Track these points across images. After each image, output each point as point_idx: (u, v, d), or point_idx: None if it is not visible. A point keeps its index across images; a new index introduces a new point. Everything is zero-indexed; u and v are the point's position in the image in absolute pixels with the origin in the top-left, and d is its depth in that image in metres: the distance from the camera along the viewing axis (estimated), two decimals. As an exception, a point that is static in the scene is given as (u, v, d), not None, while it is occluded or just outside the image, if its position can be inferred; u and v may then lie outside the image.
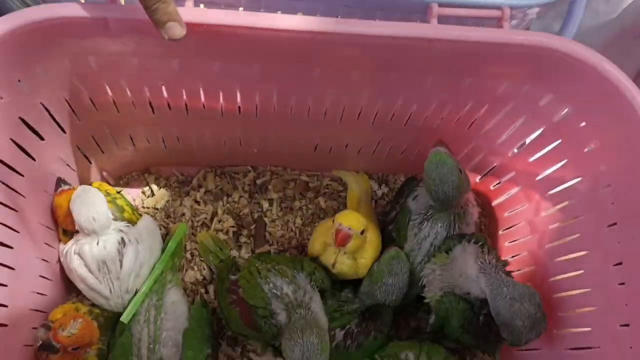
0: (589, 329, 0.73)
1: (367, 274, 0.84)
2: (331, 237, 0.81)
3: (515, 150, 0.86)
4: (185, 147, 0.91)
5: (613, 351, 0.68)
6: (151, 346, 0.80)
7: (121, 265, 0.82)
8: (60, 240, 0.86)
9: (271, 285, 0.80)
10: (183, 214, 0.97)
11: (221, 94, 0.75)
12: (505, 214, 0.94)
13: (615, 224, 0.68)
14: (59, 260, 0.86)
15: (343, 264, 0.84)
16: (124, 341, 0.80)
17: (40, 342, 0.75)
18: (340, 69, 0.69)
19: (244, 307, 0.80)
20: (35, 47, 0.62)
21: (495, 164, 0.90)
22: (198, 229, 0.96)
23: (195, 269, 0.94)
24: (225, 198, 0.98)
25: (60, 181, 0.84)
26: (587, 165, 0.72)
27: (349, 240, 0.80)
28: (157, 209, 0.97)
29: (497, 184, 0.94)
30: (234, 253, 0.95)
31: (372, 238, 0.86)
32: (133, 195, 0.97)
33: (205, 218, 0.97)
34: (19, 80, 0.65)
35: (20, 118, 0.69)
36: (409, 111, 0.80)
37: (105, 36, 0.62)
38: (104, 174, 0.94)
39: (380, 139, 0.89)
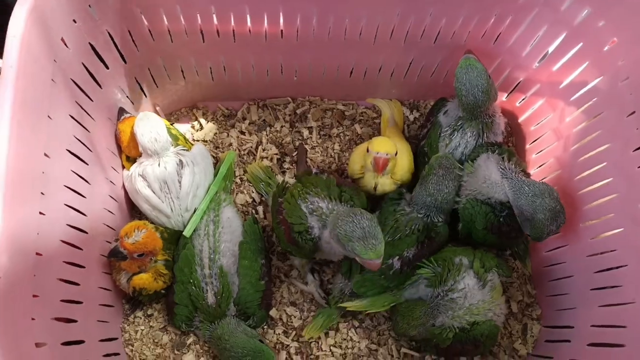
0: (612, 214, 0.79)
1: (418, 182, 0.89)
2: (370, 164, 0.88)
3: (538, 64, 0.92)
4: (230, 79, 0.98)
5: (634, 230, 0.74)
6: (212, 256, 0.89)
7: (180, 186, 0.91)
8: (123, 167, 0.95)
9: (308, 202, 0.86)
10: (230, 144, 1.04)
11: (265, 16, 0.82)
12: (532, 128, 0.99)
13: (634, 112, 0.74)
14: (123, 186, 0.95)
15: (384, 185, 0.92)
16: (187, 253, 0.89)
17: (110, 251, 0.83)
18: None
19: (286, 225, 0.86)
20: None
21: (520, 79, 0.96)
22: (244, 157, 1.04)
23: (245, 192, 1.02)
24: (268, 128, 1.06)
25: (122, 110, 0.92)
26: (607, 63, 0.78)
27: (387, 164, 0.87)
28: (206, 141, 1.05)
29: (522, 99, 0.99)
30: (279, 178, 1.02)
31: (404, 150, 0.93)
32: (183, 130, 1.05)
33: (251, 147, 1.05)
34: (89, 6, 0.73)
35: (89, 43, 0.77)
36: (438, 27, 0.86)
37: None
38: (157, 108, 1.02)
39: (412, 60, 0.95)
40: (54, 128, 0.70)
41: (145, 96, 0.98)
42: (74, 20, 0.72)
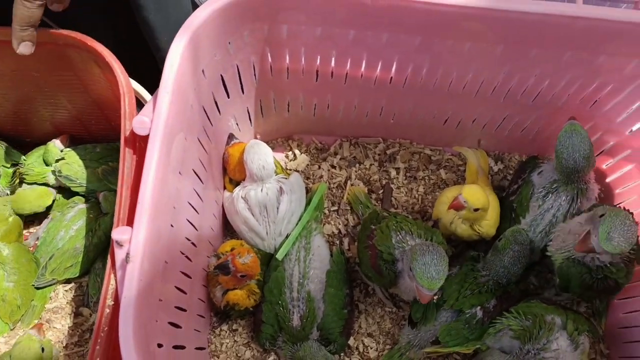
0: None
1: (491, 249, 0.93)
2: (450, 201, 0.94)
3: (632, 131, 0.95)
4: (330, 116, 1.05)
5: None
6: (301, 280, 0.94)
7: (277, 211, 0.96)
8: (225, 188, 1.02)
9: (399, 237, 0.91)
10: (321, 177, 1.10)
11: (380, 64, 0.88)
12: (617, 191, 1.02)
13: None
14: (222, 205, 1.01)
15: (457, 226, 0.96)
16: (278, 275, 0.94)
17: (217, 264, 0.89)
18: (488, 44, 0.81)
19: (374, 252, 0.91)
20: (248, 13, 0.77)
21: (611, 143, 0.99)
22: (334, 190, 1.10)
23: (332, 223, 1.07)
24: (357, 165, 1.12)
25: (232, 136, 0.99)
26: None
27: (460, 209, 0.92)
28: (298, 171, 1.11)
29: (609, 163, 1.02)
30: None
31: (494, 204, 0.97)
32: (277, 158, 1.11)
33: (341, 181, 1.10)
34: (229, 43, 0.80)
35: (220, 75, 0.85)
36: (540, 87, 0.90)
37: (302, 7, 0.76)
38: (258, 136, 1.09)
39: (506, 115, 1.00)
40: (188, 149, 0.77)
41: (251, 125, 1.05)
42: (215, 55, 0.79)
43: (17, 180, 0.99)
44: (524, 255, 0.91)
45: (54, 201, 1.03)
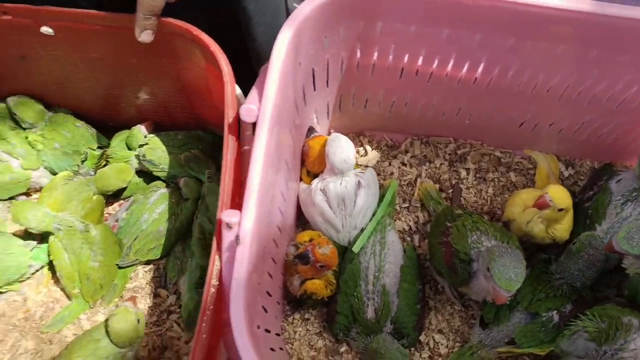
0: None
1: (565, 252, 0.94)
2: (533, 201, 0.94)
3: None
4: (406, 114, 1.06)
5: None
6: (376, 274, 0.95)
7: (355, 205, 0.98)
8: (301, 180, 1.04)
9: (475, 237, 0.92)
10: (392, 173, 1.12)
11: (467, 64, 0.89)
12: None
13: None
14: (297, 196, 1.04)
15: (535, 226, 0.96)
16: (353, 267, 0.96)
17: (297, 253, 0.91)
18: (582, 47, 0.82)
19: (449, 249, 0.93)
20: (348, 9, 0.78)
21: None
22: (404, 187, 1.11)
23: (403, 220, 1.08)
24: (428, 163, 1.13)
25: (312, 129, 1.01)
26: None
27: (545, 208, 0.92)
28: (369, 167, 1.13)
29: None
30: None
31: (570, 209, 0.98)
32: (348, 153, 1.13)
33: (411, 179, 1.12)
34: (325, 37, 0.82)
35: (312, 69, 0.87)
36: (627, 93, 0.90)
37: (401, 5, 0.78)
38: (332, 131, 1.11)
39: (586, 120, 1.00)
40: (282, 139, 0.79)
41: (327, 119, 1.07)
42: (312, 48, 0.81)
43: (104, 163, 1.02)
44: (599, 260, 0.91)
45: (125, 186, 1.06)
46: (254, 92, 0.74)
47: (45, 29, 0.82)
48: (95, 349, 0.87)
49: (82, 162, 1.03)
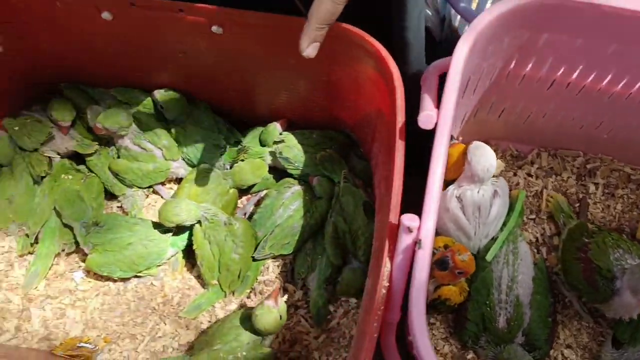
0: None
1: None
2: None
3: None
4: (543, 125, 1.05)
5: None
6: (509, 284, 0.95)
7: (489, 213, 0.98)
8: (432, 185, 1.04)
9: (617, 254, 0.91)
10: (517, 184, 1.11)
11: (626, 79, 0.88)
12: None
13: None
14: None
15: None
16: (486, 276, 0.96)
17: (435, 259, 0.92)
18: None
19: (588, 265, 0.92)
20: (518, 20, 0.78)
21: None
22: (530, 198, 1.10)
23: (529, 231, 1.08)
24: (554, 176, 1.12)
25: (451, 136, 1.02)
26: None
27: None
28: (494, 176, 1.12)
29: None
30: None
31: None
32: (473, 161, 1.13)
33: (537, 190, 1.11)
34: (490, 46, 0.83)
35: (469, 77, 0.88)
36: None
37: (574, 17, 0.77)
38: (460, 138, 1.11)
39: None
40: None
41: (460, 125, 1.07)
42: (475, 57, 0.82)
43: (240, 158, 1.05)
44: None
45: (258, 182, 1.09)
46: (427, 98, 0.76)
47: (216, 28, 0.85)
48: (237, 334, 0.90)
49: (220, 156, 1.06)
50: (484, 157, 0.96)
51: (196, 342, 0.96)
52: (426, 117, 0.71)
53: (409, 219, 0.68)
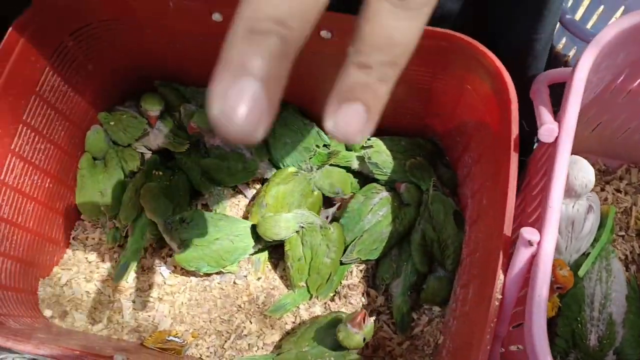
0: None
1: None
2: None
3: None
4: (637, 139, 1.03)
5: None
6: (602, 301, 0.94)
7: (582, 228, 0.97)
8: (522, 197, 1.03)
9: None
10: (606, 199, 1.10)
11: None
12: None
13: None
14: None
15: None
16: (577, 292, 0.95)
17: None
18: None
19: None
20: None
21: None
22: (619, 214, 1.08)
23: (618, 248, 1.06)
24: (645, 193, 1.10)
25: (545, 148, 1.01)
26: None
27: None
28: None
29: None
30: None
31: None
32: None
33: (627, 207, 1.09)
34: (604, 61, 0.82)
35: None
36: None
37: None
38: (549, 150, 1.10)
39: None
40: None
41: (551, 138, 1.05)
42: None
43: (330, 162, 1.06)
44: None
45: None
46: (544, 111, 0.75)
47: (325, 33, 0.85)
48: (325, 339, 0.91)
49: (310, 159, 1.07)
50: (583, 172, 0.94)
51: (284, 341, 0.97)
52: (547, 130, 0.71)
53: (530, 233, 0.67)
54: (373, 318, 0.97)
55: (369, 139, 1.07)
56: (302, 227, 0.97)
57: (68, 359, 0.70)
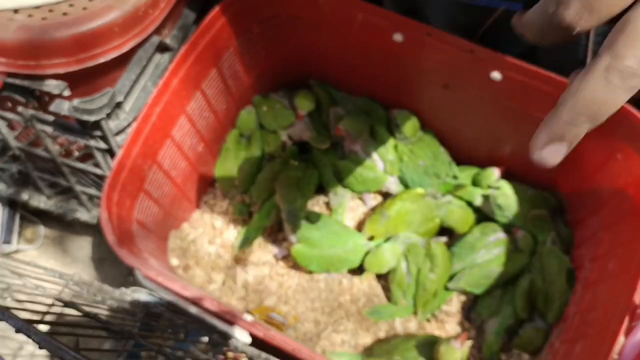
0: None
1: None
2: None
3: None
4: None
5: None
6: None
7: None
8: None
9: None
10: None
11: None
12: None
13: None
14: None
15: None
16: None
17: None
18: None
19: None
20: None
21: None
22: None
23: None
24: None
25: None
26: None
27: None
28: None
29: None
30: None
31: None
32: None
33: None
34: None
35: None
36: None
37: None
38: None
39: None
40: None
41: None
42: None
43: (458, 194, 1.11)
44: None
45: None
46: None
47: (496, 74, 0.91)
48: (418, 356, 0.95)
49: (438, 185, 1.12)
50: None
51: (375, 346, 1.02)
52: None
53: (663, 308, 0.70)
54: (471, 341, 1.00)
55: (497, 181, 1.11)
56: (407, 248, 1.03)
57: (206, 306, 0.77)
